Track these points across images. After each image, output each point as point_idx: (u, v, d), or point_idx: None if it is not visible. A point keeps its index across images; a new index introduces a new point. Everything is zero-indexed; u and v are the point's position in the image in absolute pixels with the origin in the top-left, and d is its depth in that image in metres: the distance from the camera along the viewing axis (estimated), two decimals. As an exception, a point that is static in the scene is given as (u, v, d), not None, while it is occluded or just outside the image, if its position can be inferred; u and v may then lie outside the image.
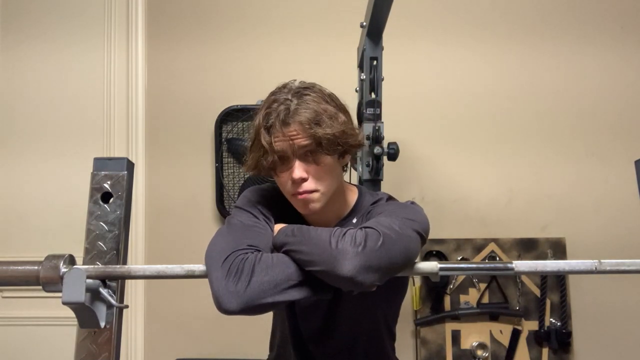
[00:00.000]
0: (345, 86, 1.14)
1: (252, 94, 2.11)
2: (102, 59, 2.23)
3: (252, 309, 0.89)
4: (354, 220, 1.12)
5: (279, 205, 1.13)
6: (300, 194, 1.04)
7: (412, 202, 1.10)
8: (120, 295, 0.93)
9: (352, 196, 1.16)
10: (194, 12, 2.21)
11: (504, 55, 2.14)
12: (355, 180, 1.70)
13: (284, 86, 1.08)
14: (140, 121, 2.20)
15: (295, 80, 1.10)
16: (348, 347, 1.16)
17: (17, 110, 2.27)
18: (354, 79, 1.79)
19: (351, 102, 1.16)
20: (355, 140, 1.08)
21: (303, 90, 1.05)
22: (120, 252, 0.92)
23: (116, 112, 2.21)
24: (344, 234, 0.89)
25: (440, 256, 2.05)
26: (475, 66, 2.14)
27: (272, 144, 1.02)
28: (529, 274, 1.98)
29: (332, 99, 1.08)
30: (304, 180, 1.04)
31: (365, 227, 0.92)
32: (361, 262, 0.86)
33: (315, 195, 1.05)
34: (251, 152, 1.08)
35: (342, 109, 1.09)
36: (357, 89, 1.73)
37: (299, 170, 1.03)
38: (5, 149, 2.27)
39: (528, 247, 2.06)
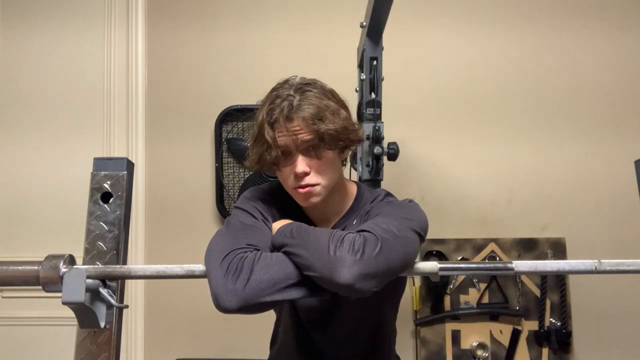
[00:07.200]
0: (345, 86, 1.15)
1: (252, 94, 2.10)
2: (102, 59, 2.24)
3: (251, 307, 0.89)
4: (354, 222, 1.12)
5: (279, 204, 1.14)
6: (302, 187, 1.06)
7: (410, 200, 1.11)
8: (120, 295, 0.93)
9: (352, 191, 1.18)
10: (194, 12, 2.21)
11: (506, 57, 2.14)
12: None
13: (285, 82, 1.09)
14: (140, 121, 2.19)
15: (296, 76, 1.11)
16: (352, 340, 1.17)
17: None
18: (354, 79, 1.79)
19: (351, 102, 1.17)
20: (356, 135, 1.10)
21: (305, 87, 1.06)
22: (120, 252, 0.92)
23: (116, 111, 2.21)
24: (342, 239, 0.89)
25: (440, 256, 2.05)
26: (478, 66, 2.14)
27: (276, 139, 1.04)
28: (529, 274, 1.98)
29: (332, 95, 1.10)
30: (306, 174, 1.05)
31: (363, 231, 0.92)
32: (359, 270, 0.85)
33: (317, 188, 1.06)
34: (254, 147, 1.09)
35: (343, 104, 1.11)
36: (357, 89, 1.73)
37: (301, 164, 1.04)
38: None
39: (528, 247, 2.06)
